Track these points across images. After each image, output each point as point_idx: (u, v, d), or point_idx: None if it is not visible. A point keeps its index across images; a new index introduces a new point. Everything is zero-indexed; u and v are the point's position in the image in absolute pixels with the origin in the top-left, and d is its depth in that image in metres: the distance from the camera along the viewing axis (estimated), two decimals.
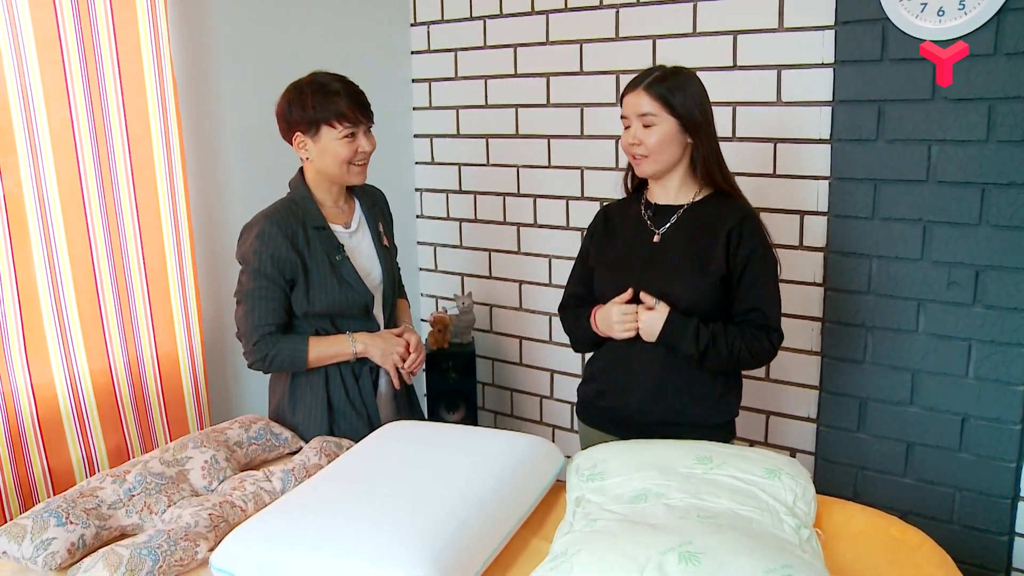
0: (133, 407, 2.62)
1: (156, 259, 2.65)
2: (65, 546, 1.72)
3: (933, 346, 2.61)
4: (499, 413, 3.83)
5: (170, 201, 2.66)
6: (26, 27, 2.27)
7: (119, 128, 2.51)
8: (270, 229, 2.23)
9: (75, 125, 2.41)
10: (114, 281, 2.54)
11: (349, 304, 2.30)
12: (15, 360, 2.34)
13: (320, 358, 2.30)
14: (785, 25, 2.74)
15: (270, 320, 2.25)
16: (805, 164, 2.78)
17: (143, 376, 2.65)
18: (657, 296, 2.11)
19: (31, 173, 2.32)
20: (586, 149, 3.27)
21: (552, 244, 3.47)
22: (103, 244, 2.50)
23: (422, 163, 3.82)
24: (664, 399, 2.16)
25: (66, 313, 2.44)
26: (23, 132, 2.30)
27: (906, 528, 1.87)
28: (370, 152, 2.28)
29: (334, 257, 2.29)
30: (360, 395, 2.37)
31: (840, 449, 2.84)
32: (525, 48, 3.38)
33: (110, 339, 2.55)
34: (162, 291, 2.68)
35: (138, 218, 2.58)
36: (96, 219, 2.48)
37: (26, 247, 2.34)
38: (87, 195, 2.45)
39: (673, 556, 1.48)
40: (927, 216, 2.55)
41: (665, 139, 2.07)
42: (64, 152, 2.39)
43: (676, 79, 2.07)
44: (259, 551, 1.64)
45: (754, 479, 1.80)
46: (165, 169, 2.63)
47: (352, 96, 2.23)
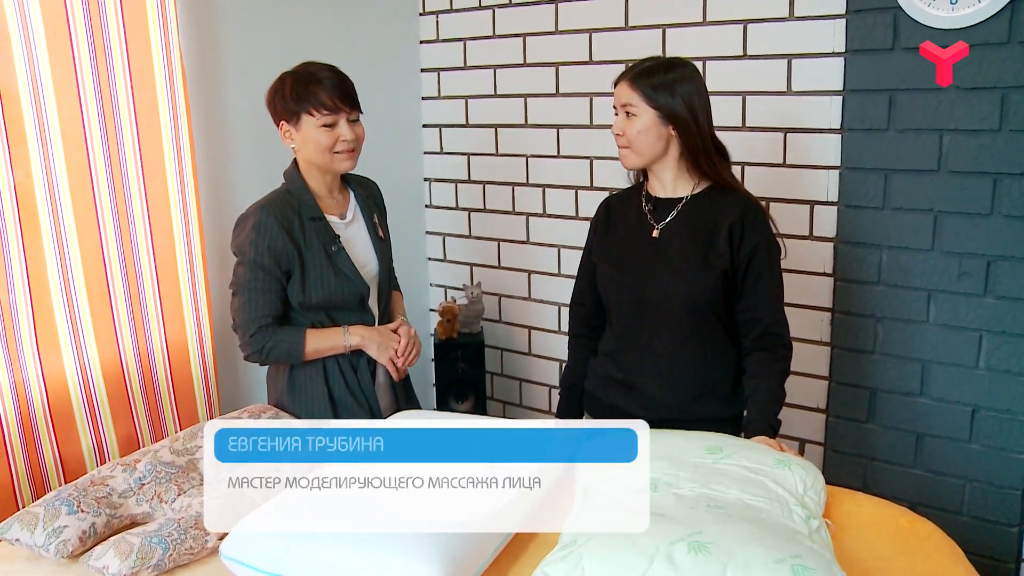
0: (143, 396, 2.63)
1: (166, 249, 2.66)
2: (76, 534, 1.73)
3: (943, 337, 2.60)
4: (508, 403, 3.83)
5: (179, 191, 2.66)
6: (36, 18, 2.27)
7: (129, 119, 2.51)
8: (266, 219, 2.22)
9: (85, 116, 2.41)
10: (124, 271, 2.54)
11: (345, 295, 2.30)
12: (27, 350, 2.35)
13: (317, 351, 2.29)
14: (796, 14, 2.73)
15: (267, 312, 2.24)
16: (815, 154, 2.77)
17: (153, 366, 2.66)
18: (659, 293, 2.11)
19: (41, 164, 2.33)
20: (595, 139, 3.26)
21: (561, 234, 3.47)
22: (113, 234, 2.51)
23: (431, 153, 3.82)
24: (673, 394, 2.16)
25: (77, 303, 2.45)
26: (33, 123, 2.30)
27: (916, 519, 1.87)
28: (353, 140, 2.25)
29: (330, 248, 2.28)
30: (360, 386, 2.37)
31: (849, 440, 2.84)
32: (534, 37, 3.37)
33: (120, 329, 2.56)
34: (172, 281, 2.68)
35: (148, 208, 2.59)
36: (106, 209, 2.49)
37: (37, 238, 2.35)
38: (97, 186, 2.46)
39: (683, 546, 1.48)
40: (938, 206, 2.54)
41: (643, 130, 2.06)
42: (74, 143, 2.40)
43: (664, 73, 2.05)
44: (269, 540, 1.65)
45: (764, 469, 1.80)
46: (174, 159, 2.64)
47: (333, 85, 2.20)
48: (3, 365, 2.30)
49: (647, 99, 2.04)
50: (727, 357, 2.18)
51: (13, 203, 2.28)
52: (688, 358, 2.14)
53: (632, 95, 2.05)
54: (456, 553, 1.57)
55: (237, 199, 2.89)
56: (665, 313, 2.14)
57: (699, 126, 2.06)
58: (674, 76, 2.05)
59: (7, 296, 2.30)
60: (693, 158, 2.10)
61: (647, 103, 2.04)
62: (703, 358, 2.15)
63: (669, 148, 2.10)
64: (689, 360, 2.14)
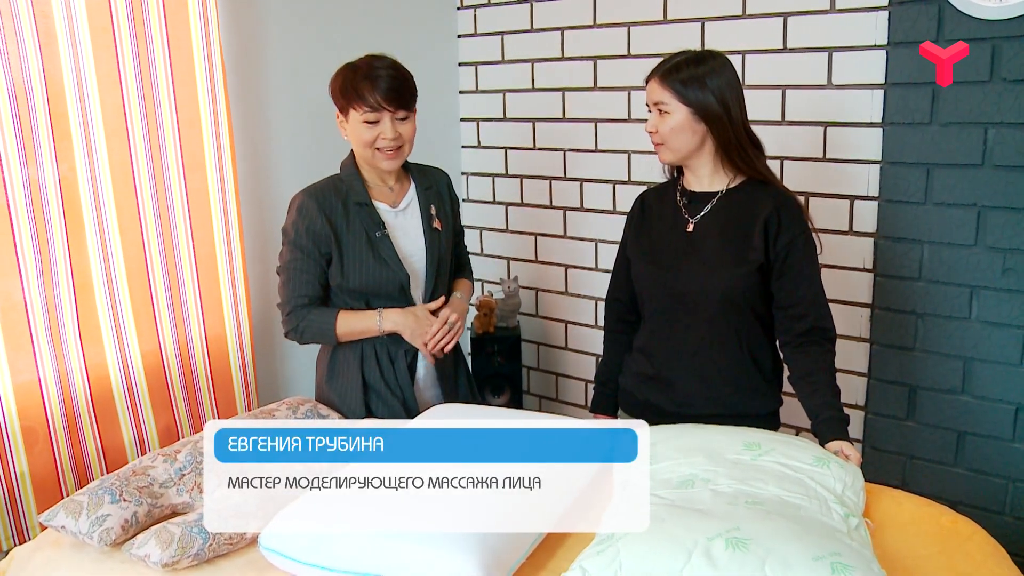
0: (183, 388, 2.66)
1: (205, 242, 2.69)
2: (119, 523, 1.75)
3: (986, 334, 2.57)
4: (544, 397, 3.83)
5: (219, 185, 2.69)
6: (81, 16, 2.31)
7: (170, 114, 2.55)
8: (308, 203, 2.26)
9: (127, 112, 2.45)
10: (164, 264, 2.58)
11: (383, 281, 2.30)
12: (70, 342, 2.39)
13: (349, 332, 2.30)
14: (837, 6, 2.70)
15: (304, 292, 2.28)
16: (856, 148, 2.74)
17: (192, 357, 2.69)
18: (694, 288, 2.09)
19: (85, 159, 2.37)
20: (633, 133, 3.24)
21: (598, 228, 3.46)
22: (154, 228, 2.54)
23: (468, 147, 3.82)
24: (709, 389, 2.14)
25: (118, 296, 2.48)
26: (78, 119, 2.34)
27: (957, 518, 1.84)
28: (394, 139, 2.23)
29: (373, 234, 2.29)
30: (396, 378, 2.37)
31: (889, 437, 2.81)
32: (572, 31, 3.36)
33: (160, 321, 2.59)
34: (211, 274, 2.72)
35: (188, 202, 2.62)
36: (147, 203, 2.52)
37: (80, 232, 2.39)
38: (138, 180, 2.50)
39: (720, 542, 1.47)
40: (982, 201, 2.50)
41: (677, 128, 2.04)
42: (116, 138, 2.44)
43: (695, 67, 2.02)
44: (307, 531, 1.66)
45: (802, 467, 1.78)
46: (214, 153, 2.67)
47: (385, 82, 2.19)
48: (48, 357, 2.34)
49: (679, 96, 2.02)
50: (763, 352, 2.16)
51: (58, 197, 2.32)
52: (723, 353, 2.13)
53: (663, 93, 2.04)
54: (494, 546, 1.57)
55: (276, 193, 2.92)
56: (700, 308, 2.12)
57: (732, 120, 2.04)
58: (704, 69, 2.02)
59: (52, 290, 2.34)
60: (726, 152, 2.08)
61: (679, 100, 2.02)
62: (739, 353, 2.13)
63: (704, 143, 2.08)
64: (725, 355, 2.13)
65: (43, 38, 2.25)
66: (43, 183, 2.30)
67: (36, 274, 2.31)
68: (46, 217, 2.31)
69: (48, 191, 2.30)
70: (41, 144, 2.28)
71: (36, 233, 2.30)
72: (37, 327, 2.32)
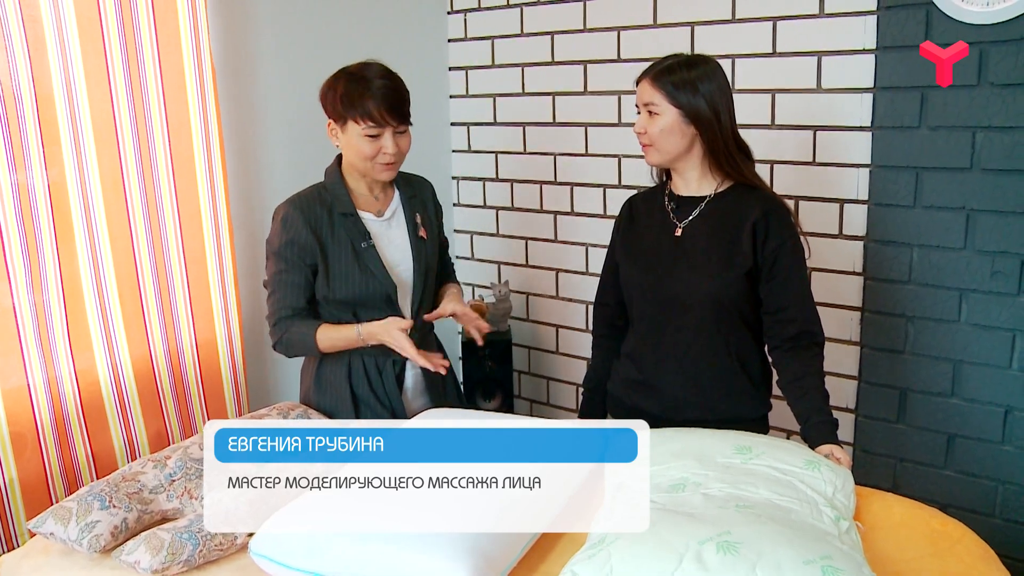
0: (173, 394, 2.66)
1: (196, 248, 2.68)
2: (109, 529, 1.75)
3: (975, 336, 2.58)
4: (535, 401, 3.83)
5: (209, 191, 2.68)
6: (69, 19, 2.30)
7: (160, 118, 2.54)
8: (293, 214, 2.24)
9: (116, 116, 2.44)
10: (154, 270, 2.57)
11: (370, 292, 2.28)
12: (59, 347, 2.38)
13: (332, 343, 2.27)
14: (826, 11, 2.70)
15: (289, 304, 2.25)
16: (845, 152, 2.75)
17: (183, 363, 2.68)
18: (681, 292, 2.09)
19: (74, 164, 2.36)
20: (623, 137, 3.25)
21: (589, 232, 3.46)
22: (144, 233, 2.54)
23: (459, 151, 3.82)
24: (697, 394, 2.14)
25: (108, 302, 2.48)
26: (67, 123, 2.34)
27: (947, 520, 1.85)
28: (395, 153, 2.21)
29: (359, 244, 2.27)
30: (384, 388, 2.36)
31: (879, 440, 2.82)
32: (562, 35, 3.37)
33: (151, 327, 2.58)
34: (201, 280, 2.71)
35: (178, 208, 2.61)
36: (137, 209, 2.51)
37: (70, 236, 2.38)
38: (128, 185, 2.49)
39: (712, 546, 1.47)
40: (971, 204, 2.51)
41: (666, 129, 2.04)
42: (106, 143, 2.43)
43: (687, 70, 2.02)
44: (298, 536, 1.66)
45: (793, 470, 1.79)
46: (204, 158, 2.66)
47: (386, 95, 2.17)
48: (37, 362, 2.33)
49: (669, 98, 2.02)
50: (751, 357, 2.16)
51: (47, 202, 2.31)
52: (712, 358, 2.12)
53: (654, 94, 2.04)
54: (486, 550, 1.57)
55: (266, 198, 2.92)
56: (688, 312, 2.12)
57: (721, 125, 2.04)
58: (696, 74, 2.02)
59: (41, 295, 2.33)
60: (715, 157, 2.08)
61: (669, 102, 2.02)
62: (727, 358, 2.13)
63: (692, 146, 2.08)
64: (713, 360, 2.13)
65: (32, 42, 2.24)
66: (32, 188, 2.29)
67: (25, 279, 2.29)
68: (35, 222, 2.30)
69: (37, 196, 2.29)
70: (30, 149, 2.27)
71: (25, 238, 2.28)
72: (26, 332, 2.31)
